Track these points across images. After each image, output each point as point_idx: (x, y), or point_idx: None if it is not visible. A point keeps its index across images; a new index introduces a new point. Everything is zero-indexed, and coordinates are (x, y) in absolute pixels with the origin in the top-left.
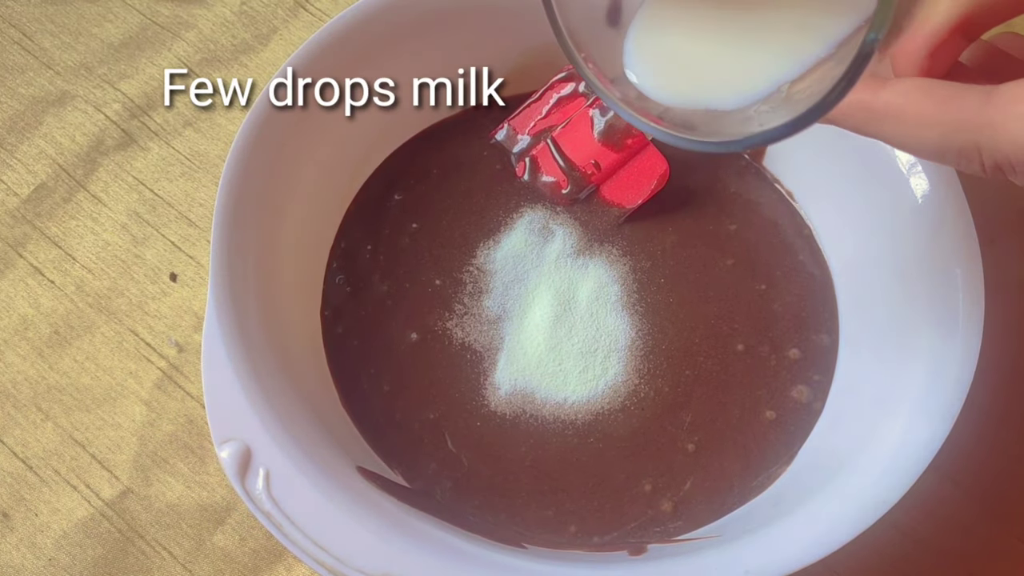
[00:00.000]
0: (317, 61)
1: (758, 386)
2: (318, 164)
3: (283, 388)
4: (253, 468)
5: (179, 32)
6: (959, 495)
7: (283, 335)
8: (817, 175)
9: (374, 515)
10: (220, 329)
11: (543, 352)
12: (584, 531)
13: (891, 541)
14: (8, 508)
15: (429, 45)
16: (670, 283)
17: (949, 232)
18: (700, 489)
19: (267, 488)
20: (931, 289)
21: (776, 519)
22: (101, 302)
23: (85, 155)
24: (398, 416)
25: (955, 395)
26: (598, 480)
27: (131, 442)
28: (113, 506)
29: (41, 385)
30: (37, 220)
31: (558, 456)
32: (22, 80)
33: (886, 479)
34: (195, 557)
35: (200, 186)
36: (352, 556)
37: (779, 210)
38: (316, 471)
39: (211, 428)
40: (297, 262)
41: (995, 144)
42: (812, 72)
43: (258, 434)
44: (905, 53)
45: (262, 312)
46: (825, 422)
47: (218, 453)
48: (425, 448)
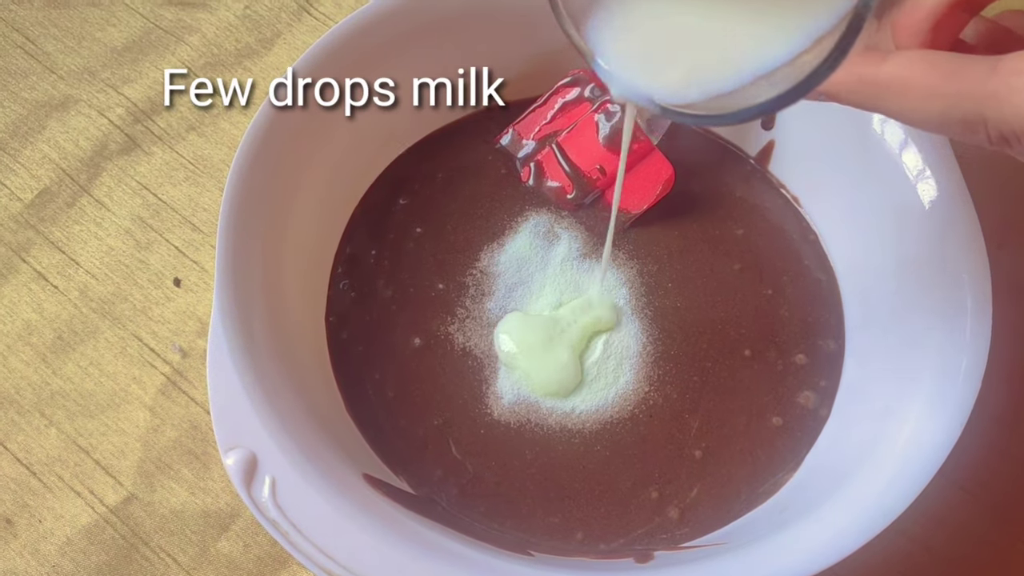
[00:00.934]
0: (320, 66)
1: (765, 392)
2: (323, 169)
3: (288, 395)
4: (259, 476)
5: (182, 36)
6: (968, 502)
7: (288, 341)
8: (823, 180)
9: (380, 522)
10: (224, 336)
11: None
12: (590, 538)
13: (900, 548)
14: (11, 514)
15: (433, 50)
16: (677, 287)
17: (956, 236)
18: (707, 496)
19: (273, 496)
20: (938, 294)
21: (783, 526)
22: (105, 307)
23: (89, 160)
24: (403, 422)
25: (963, 401)
26: (604, 487)
27: (135, 448)
28: (117, 512)
29: (45, 391)
30: (41, 225)
31: (564, 463)
32: (25, 84)
33: (894, 486)
34: (199, 564)
35: (204, 191)
36: (358, 563)
37: (785, 215)
38: (321, 478)
39: (216, 435)
40: (301, 268)
41: (1001, 115)
42: (816, 46)
43: (264, 442)
44: (907, 27)
45: (267, 318)
46: (832, 428)
47: (224, 461)
48: (430, 455)
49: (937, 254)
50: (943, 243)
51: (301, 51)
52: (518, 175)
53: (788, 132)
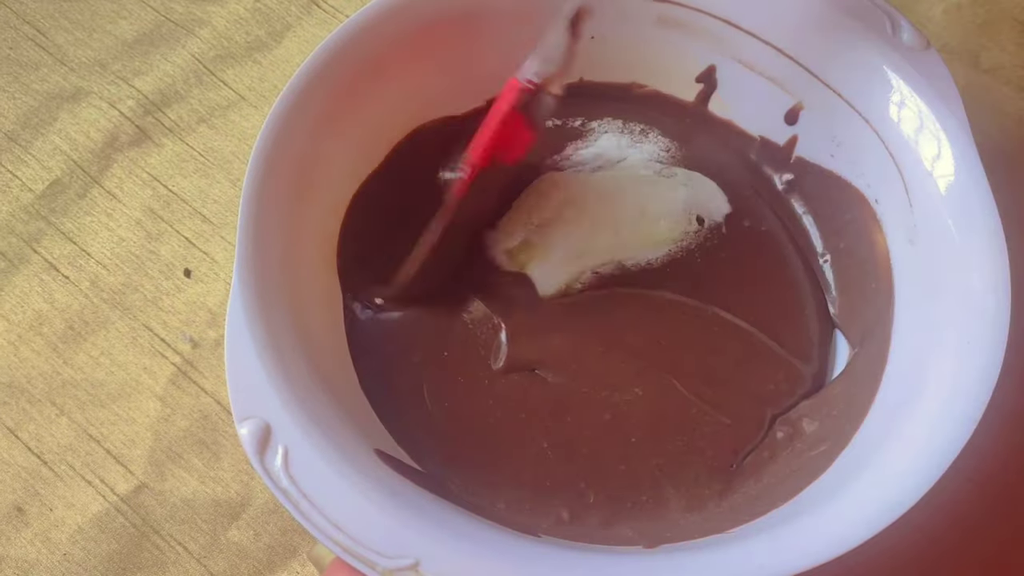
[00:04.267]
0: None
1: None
2: (349, 143)
3: (302, 365)
4: (272, 446)
5: (193, 29)
6: (979, 496)
7: (305, 315)
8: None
9: (390, 497)
10: (243, 306)
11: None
12: (602, 524)
13: (910, 541)
14: (23, 503)
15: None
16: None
17: (974, 229)
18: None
19: (285, 466)
20: (955, 289)
21: (792, 516)
22: (115, 298)
23: (99, 151)
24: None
25: (978, 396)
26: (616, 474)
27: (146, 437)
28: (128, 501)
29: (56, 380)
30: (52, 216)
31: (578, 448)
32: (36, 76)
33: (906, 479)
34: (210, 552)
35: (214, 182)
36: (367, 536)
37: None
38: (333, 450)
39: (232, 405)
40: (321, 242)
41: None
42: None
43: (278, 412)
44: None
45: (285, 291)
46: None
47: (238, 430)
48: (438, 432)
49: (953, 246)
50: (960, 235)
51: (311, 44)
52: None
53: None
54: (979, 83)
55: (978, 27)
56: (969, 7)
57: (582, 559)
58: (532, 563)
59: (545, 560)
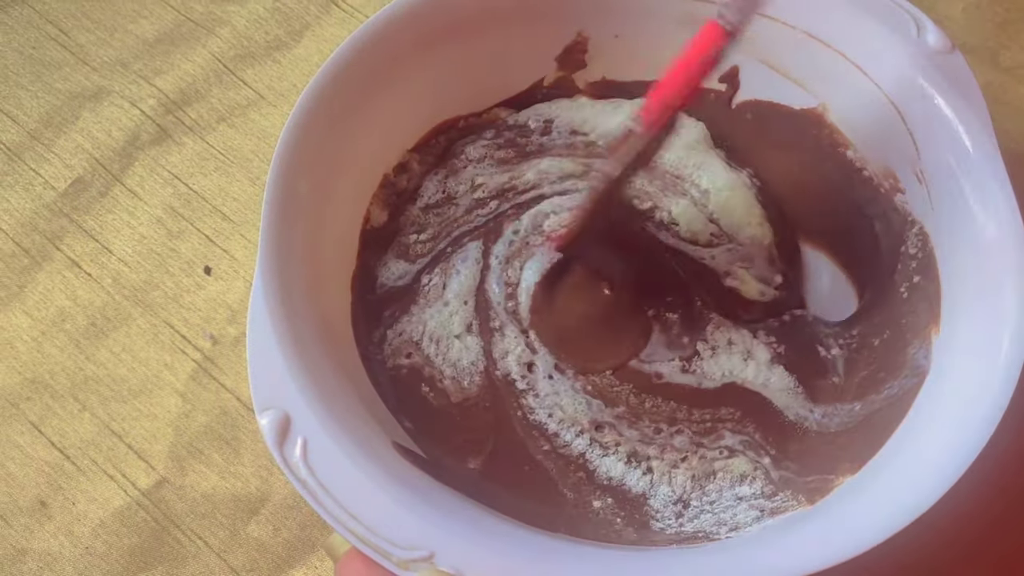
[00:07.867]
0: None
1: None
2: (372, 136)
3: (323, 360)
4: (291, 436)
5: (213, 28)
6: (998, 497)
7: (325, 308)
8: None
9: (407, 489)
10: (264, 298)
11: None
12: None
13: (927, 542)
14: (46, 497)
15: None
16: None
17: (999, 238)
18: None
19: (304, 456)
20: (976, 292)
21: (809, 517)
22: (137, 295)
23: (121, 150)
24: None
25: (997, 399)
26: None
27: (167, 433)
28: (149, 495)
29: (78, 376)
30: (74, 214)
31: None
32: (59, 76)
33: (923, 481)
34: (229, 546)
35: (233, 180)
36: (383, 527)
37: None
38: (351, 442)
39: (252, 396)
40: (342, 236)
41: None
42: None
43: (297, 403)
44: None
45: (306, 284)
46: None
47: (258, 420)
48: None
49: (978, 255)
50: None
51: (331, 44)
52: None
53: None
54: (998, 82)
55: (998, 26)
56: (989, 6)
57: (595, 554)
58: (546, 557)
59: (559, 554)
